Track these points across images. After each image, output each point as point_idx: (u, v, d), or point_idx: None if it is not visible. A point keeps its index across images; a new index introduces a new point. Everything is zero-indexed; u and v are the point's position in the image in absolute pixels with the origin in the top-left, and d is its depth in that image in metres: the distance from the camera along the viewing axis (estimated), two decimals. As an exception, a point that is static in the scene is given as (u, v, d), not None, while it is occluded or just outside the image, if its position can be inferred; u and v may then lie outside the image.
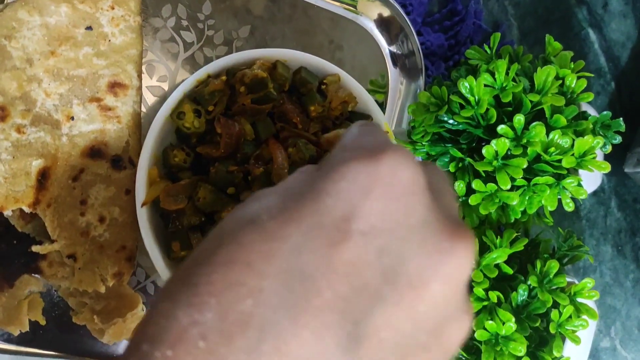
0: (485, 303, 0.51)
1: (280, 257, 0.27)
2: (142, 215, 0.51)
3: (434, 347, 0.29)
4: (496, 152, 0.51)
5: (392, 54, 0.63)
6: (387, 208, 0.28)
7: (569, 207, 0.53)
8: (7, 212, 0.50)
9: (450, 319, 0.29)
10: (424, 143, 0.56)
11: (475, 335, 0.50)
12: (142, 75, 0.56)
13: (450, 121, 0.54)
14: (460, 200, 0.55)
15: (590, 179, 0.63)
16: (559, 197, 0.53)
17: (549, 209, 0.53)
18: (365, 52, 0.63)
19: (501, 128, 0.51)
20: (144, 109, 0.56)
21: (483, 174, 0.53)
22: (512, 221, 0.55)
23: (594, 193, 0.72)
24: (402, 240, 0.28)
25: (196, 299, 0.26)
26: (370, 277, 0.27)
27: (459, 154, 0.54)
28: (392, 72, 0.63)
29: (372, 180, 0.28)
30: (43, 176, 0.50)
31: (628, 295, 0.73)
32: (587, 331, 0.57)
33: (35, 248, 0.51)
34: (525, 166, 0.50)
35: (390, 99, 0.63)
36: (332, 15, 0.62)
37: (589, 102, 0.59)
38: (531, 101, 0.52)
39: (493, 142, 0.51)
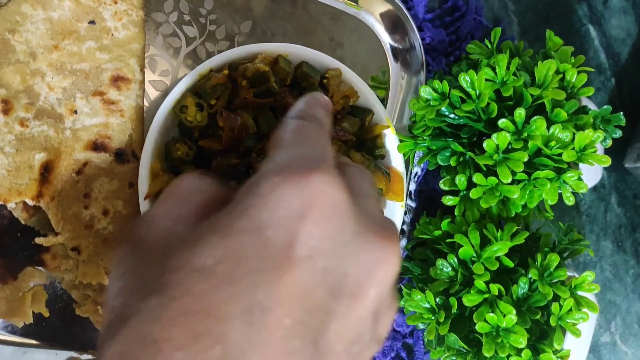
0: (486, 296, 0.51)
1: (237, 298, 0.27)
2: (145, 208, 0.51)
3: (373, 340, 0.32)
4: (497, 145, 0.51)
5: (393, 49, 0.63)
6: (323, 230, 0.29)
7: (570, 201, 0.53)
8: (11, 205, 0.51)
9: (381, 313, 0.32)
10: (425, 137, 0.56)
11: (477, 327, 0.51)
12: (145, 69, 0.56)
13: (451, 115, 0.54)
14: (461, 194, 0.55)
15: (591, 174, 0.63)
16: (559, 191, 0.53)
17: (550, 202, 0.53)
18: (366, 48, 0.63)
19: (502, 122, 0.51)
20: (146, 103, 0.56)
21: (484, 168, 0.53)
22: (513, 215, 0.56)
23: (594, 188, 0.73)
24: (340, 257, 0.29)
25: (160, 357, 0.26)
26: (320, 296, 0.29)
27: (460, 148, 0.54)
28: (393, 67, 0.63)
29: (306, 205, 0.29)
30: (46, 169, 0.50)
31: (628, 291, 0.73)
32: (587, 324, 0.57)
33: (38, 240, 0.51)
34: (526, 160, 0.50)
35: (392, 94, 0.63)
36: (333, 11, 0.62)
37: (589, 98, 0.59)
38: (532, 95, 0.52)
39: (494, 136, 0.51)
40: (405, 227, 0.63)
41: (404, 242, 0.63)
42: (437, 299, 0.53)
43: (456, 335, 0.53)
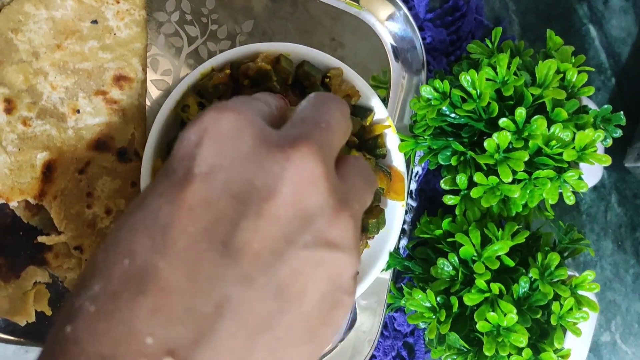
0: (487, 295, 0.51)
1: (142, 220, 0.31)
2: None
3: (321, 241, 0.32)
4: (498, 145, 0.51)
5: (394, 49, 0.63)
6: (220, 149, 0.32)
7: (570, 200, 0.53)
8: (13, 204, 0.51)
9: (320, 214, 0.33)
10: (426, 137, 0.56)
11: (477, 326, 0.51)
12: (147, 69, 0.56)
13: (452, 115, 0.54)
14: (462, 193, 0.55)
15: (591, 173, 0.63)
16: (560, 190, 0.53)
17: (550, 202, 0.53)
18: (367, 47, 0.63)
19: (503, 121, 0.51)
20: (148, 103, 0.56)
21: (485, 167, 0.53)
22: (514, 215, 0.56)
23: (595, 188, 0.73)
24: (242, 169, 0.31)
25: (83, 280, 0.30)
26: (224, 205, 0.30)
27: (461, 148, 0.54)
28: (394, 67, 0.63)
29: (200, 134, 0.32)
30: (48, 168, 0.51)
31: (628, 290, 0.73)
32: (587, 324, 0.57)
33: (41, 238, 0.51)
34: (526, 159, 0.51)
35: (392, 93, 0.63)
36: (334, 11, 0.62)
37: (590, 97, 0.59)
38: (532, 94, 0.52)
39: (494, 135, 0.51)
40: (406, 226, 0.63)
41: (404, 242, 0.63)
42: (438, 298, 0.53)
43: (457, 334, 0.53)
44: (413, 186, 0.64)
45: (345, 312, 0.35)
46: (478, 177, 0.52)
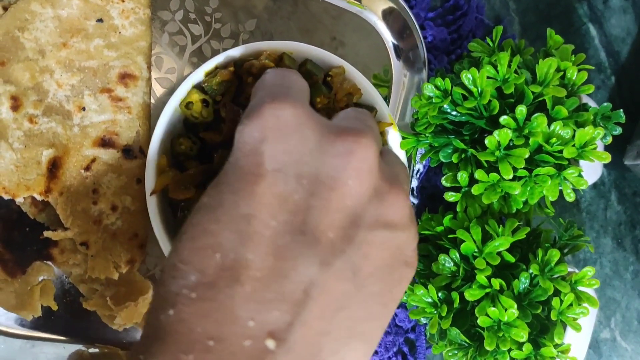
0: (488, 290, 0.52)
1: (224, 215, 0.33)
2: (152, 204, 0.51)
3: (379, 223, 0.36)
4: (498, 142, 0.52)
5: (395, 47, 0.64)
6: (286, 145, 0.34)
7: (570, 197, 0.54)
8: (19, 200, 0.51)
9: (382, 198, 0.36)
10: (427, 134, 0.56)
11: (478, 321, 0.51)
12: (151, 67, 0.57)
13: (453, 112, 0.55)
14: (463, 190, 0.56)
15: (591, 171, 0.63)
16: (560, 187, 0.53)
17: (550, 199, 0.54)
18: (369, 46, 0.64)
19: (503, 119, 0.52)
20: (152, 100, 0.57)
21: (485, 165, 0.54)
22: (514, 211, 0.56)
23: (594, 186, 0.73)
24: (309, 163, 0.34)
25: (176, 271, 0.32)
26: (299, 198, 0.33)
27: (462, 145, 0.55)
28: (396, 65, 0.64)
29: (263, 131, 0.35)
30: (54, 165, 0.51)
31: (628, 288, 0.74)
32: (587, 319, 0.58)
33: (47, 233, 0.52)
34: (527, 156, 0.51)
35: (394, 91, 0.64)
36: (335, 9, 0.63)
37: (590, 96, 0.60)
38: (533, 92, 0.53)
39: (495, 132, 0.52)
40: (407, 223, 0.64)
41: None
42: (440, 294, 0.54)
43: (458, 329, 0.53)
44: (414, 183, 0.64)
45: (408, 283, 0.39)
46: (479, 174, 0.53)
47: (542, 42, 0.69)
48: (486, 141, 0.52)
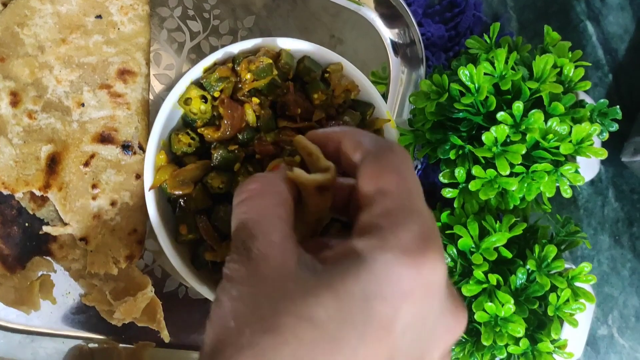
0: (485, 286, 0.52)
1: (340, 353, 0.31)
2: (150, 199, 0.52)
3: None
4: (495, 138, 0.52)
5: (393, 44, 0.64)
6: (420, 310, 0.32)
7: (567, 193, 0.54)
8: (18, 195, 0.52)
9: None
10: (424, 131, 0.57)
11: (475, 317, 0.51)
12: (150, 63, 0.57)
13: (451, 109, 0.55)
14: (460, 186, 0.56)
15: (588, 168, 0.64)
16: (557, 184, 0.54)
17: (547, 195, 0.54)
18: (367, 43, 0.64)
19: (500, 115, 0.52)
20: (151, 97, 0.57)
21: (483, 161, 0.54)
22: (511, 208, 0.56)
23: (592, 183, 0.73)
24: (423, 331, 0.33)
25: None
26: (412, 352, 0.33)
27: (459, 142, 0.55)
28: (394, 62, 0.64)
29: (413, 287, 0.32)
30: (53, 161, 0.51)
31: (625, 285, 0.74)
32: (584, 315, 0.58)
33: (46, 228, 0.52)
34: (524, 152, 0.51)
35: (392, 88, 0.64)
36: (333, 7, 0.63)
37: (587, 93, 0.60)
38: (530, 89, 0.53)
39: (492, 129, 0.52)
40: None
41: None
42: (437, 289, 0.54)
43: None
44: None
45: None
46: (476, 170, 0.53)
47: (540, 39, 0.69)
48: (483, 137, 0.52)
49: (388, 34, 0.64)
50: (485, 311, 0.52)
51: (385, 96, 0.63)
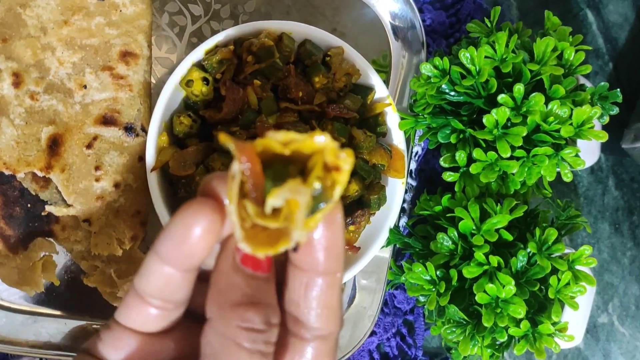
0: (486, 267, 0.52)
1: None
2: (152, 181, 0.52)
3: None
4: (496, 121, 0.52)
5: (394, 28, 0.64)
6: None
7: (567, 177, 0.54)
8: (20, 175, 0.52)
9: None
10: (425, 115, 0.57)
11: (476, 298, 0.51)
12: (152, 46, 0.57)
13: (452, 93, 0.55)
14: (461, 170, 0.56)
15: (588, 153, 0.64)
16: (557, 169, 0.54)
17: (548, 179, 0.54)
18: (367, 28, 0.64)
19: (501, 97, 0.52)
20: (153, 80, 0.57)
21: (483, 145, 0.54)
22: (512, 192, 0.56)
23: (592, 171, 0.73)
24: None
25: None
26: None
27: (460, 126, 0.55)
28: (394, 46, 0.64)
29: None
30: (54, 142, 0.52)
31: (625, 273, 0.74)
32: (584, 299, 0.58)
33: (49, 208, 0.52)
34: (525, 134, 0.51)
35: (393, 74, 0.64)
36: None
37: (587, 78, 0.60)
38: (531, 71, 0.53)
39: (493, 111, 0.52)
40: (405, 205, 0.64)
41: (404, 220, 0.64)
42: (438, 272, 0.54)
43: (456, 306, 0.54)
44: (413, 166, 0.65)
45: None
46: (477, 153, 0.53)
47: (540, 26, 0.69)
48: (484, 120, 0.52)
49: (388, 18, 0.64)
50: (486, 292, 0.52)
51: (386, 83, 0.63)
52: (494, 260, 0.52)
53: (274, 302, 0.31)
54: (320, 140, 0.27)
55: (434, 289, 0.54)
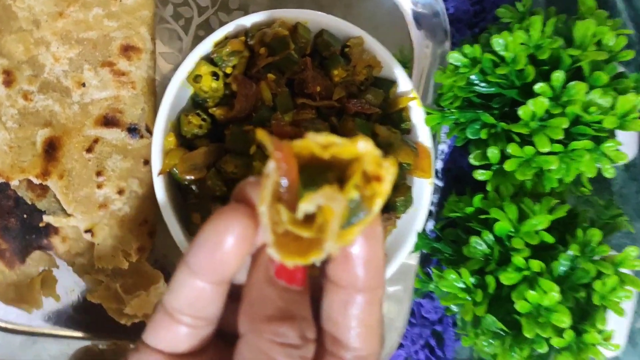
0: (525, 273, 0.48)
1: None
2: (159, 186, 0.48)
3: None
4: (533, 113, 0.48)
5: (415, 15, 0.60)
6: None
7: (609, 173, 0.50)
8: (14, 183, 0.48)
9: None
10: (452, 110, 0.53)
11: (516, 307, 0.47)
12: (155, 40, 0.53)
13: (482, 84, 0.51)
14: (494, 167, 0.52)
15: (626, 147, 0.60)
16: (597, 165, 0.50)
17: (588, 175, 0.50)
18: (387, 18, 0.60)
19: (539, 86, 0.48)
20: (157, 77, 0.53)
21: (517, 139, 0.50)
22: (548, 191, 0.53)
23: (627, 168, 0.70)
24: None
25: None
26: None
27: (492, 119, 0.51)
28: (416, 36, 0.60)
29: None
30: (51, 146, 0.48)
31: (662, 274, 0.70)
32: (628, 305, 0.54)
33: (47, 218, 0.48)
34: (566, 126, 0.47)
35: (416, 66, 0.60)
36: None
37: (624, 66, 0.56)
38: (571, 57, 0.49)
39: (530, 102, 0.48)
40: (432, 207, 0.60)
41: (431, 224, 0.60)
42: (472, 279, 0.50)
43: (494, 316, 0.50)
44: (439, 165, 0.61)
45: None
46: (512, 148, 0.49)
47: (570, 15, 0.65)
48: (519, 112, 0.48)
49: (409, 6, 0.60)
50: (526, 300, 0.48)
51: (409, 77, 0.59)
52: (535, 264, 0.48)
53: (308, 317, 0.30)
54: (362, 146, 0.26)
55: (469, 298, 0.50)
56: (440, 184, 0.62)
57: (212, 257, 0.28)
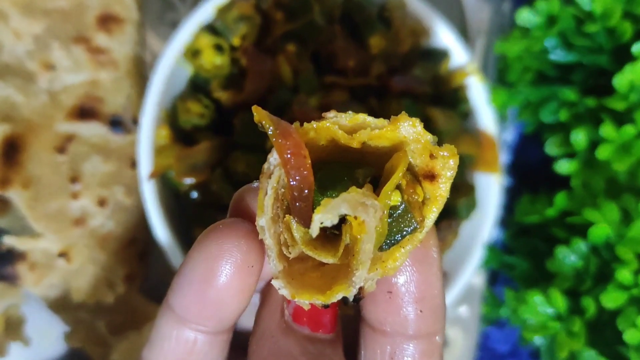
0: (635, 292, 0.38)
1: None
2: (150, 193, 0.39)
3: None
4: (632, 83, 0.39)
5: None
6: None
7: None
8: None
9: None
10: (522, 86, 0.45)
11: (624, 337, 0.38)
12: (142, 9, 0.44)
13: (560, 51, 0.42)
14: (580, 157, 0.42)
15: None
16: None
17: None
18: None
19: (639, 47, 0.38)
20: (147, 57, 0.44)
21: (609, 119, 0.40)
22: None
23: None
24: None
25: None
26: None
27: (573, 96, 0.43)
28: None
29: None
30: (11, 147, 0.40)
31: None
32: None
33: (9, 240, 0.40)
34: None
35: (470, 36, 0.50)
36: None
37: None
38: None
39: (627, 67, 0.40)
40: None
41: (498, 233, 0.50)
42: (564, 302, 0.40)
43: (594, 348, 0.39)
44: (504, 158, 0.51)
45: None
46: (606, 129, 0.40)
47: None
48: (615, 81, 0.40)
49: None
50: (637, 328, 0.38)
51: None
52: (647, 280, 0.37)
53: None
54: (409, 129, 0.20)
55: (562, 327, 0.39)
56: (506, 182, 0.51)
57: (203, 296, 0.22)
